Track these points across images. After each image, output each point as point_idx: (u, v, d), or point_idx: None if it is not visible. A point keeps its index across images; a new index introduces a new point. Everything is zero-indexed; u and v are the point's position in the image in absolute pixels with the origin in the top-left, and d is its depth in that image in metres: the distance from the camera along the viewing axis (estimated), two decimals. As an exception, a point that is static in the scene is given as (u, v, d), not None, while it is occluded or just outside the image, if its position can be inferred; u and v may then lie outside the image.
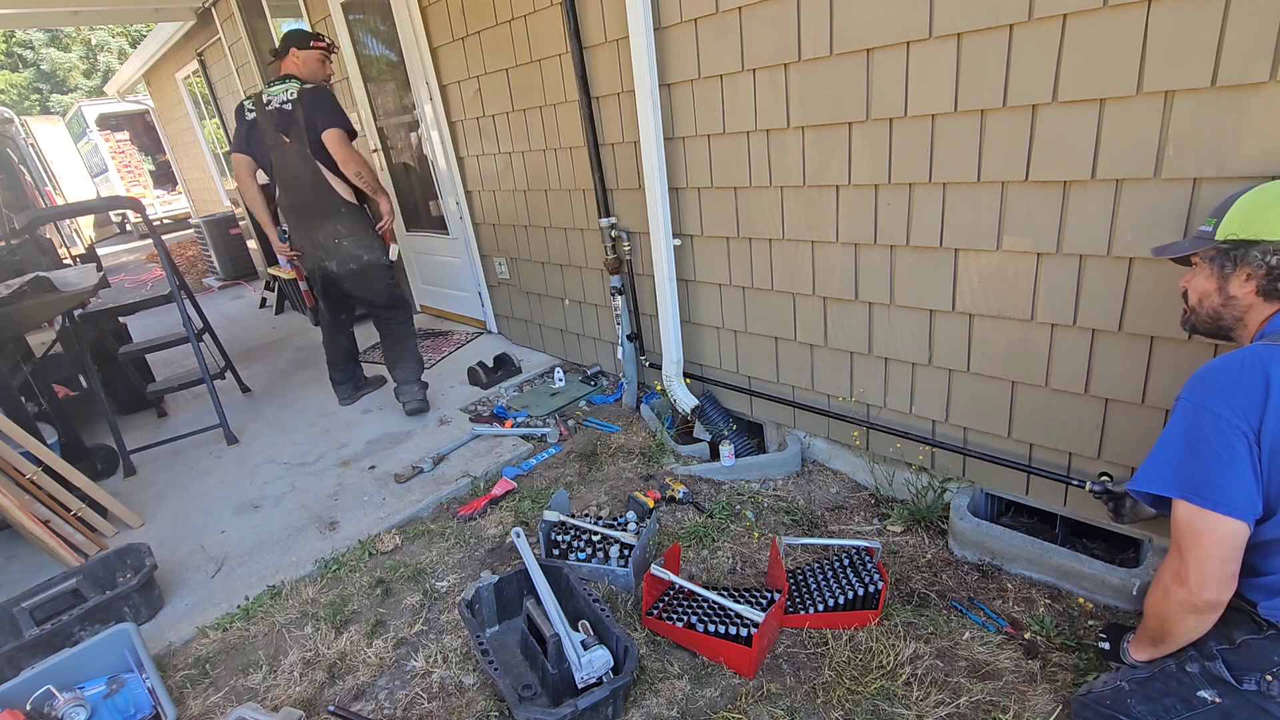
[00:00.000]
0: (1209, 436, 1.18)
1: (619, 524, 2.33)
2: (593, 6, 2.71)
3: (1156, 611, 1.29)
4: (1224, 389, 1.18)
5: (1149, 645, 1.37)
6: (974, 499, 2.23)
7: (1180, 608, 1.23)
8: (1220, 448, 1.17)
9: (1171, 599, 1.23)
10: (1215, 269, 1.31)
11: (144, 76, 10.62)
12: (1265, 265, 1.23)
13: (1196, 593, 1.19)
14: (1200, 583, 1.18)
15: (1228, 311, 1.31)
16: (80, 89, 24.86)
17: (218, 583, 2.44)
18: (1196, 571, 1.18)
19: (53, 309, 3.08)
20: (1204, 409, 1.19)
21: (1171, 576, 1.23)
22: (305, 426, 3.58)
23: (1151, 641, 1.35)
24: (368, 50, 4.45)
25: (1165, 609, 1.26)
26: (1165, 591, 1.24)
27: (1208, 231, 1.32)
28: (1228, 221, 1.28)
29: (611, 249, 3.09)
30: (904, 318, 2.22)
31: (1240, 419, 1.15)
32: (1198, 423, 1.20)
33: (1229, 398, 1.17)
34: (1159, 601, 1.27)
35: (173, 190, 14.70)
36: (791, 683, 1.76)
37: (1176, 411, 1.25)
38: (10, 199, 6.67)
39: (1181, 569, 1.21)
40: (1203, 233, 1.33)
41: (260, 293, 6.61)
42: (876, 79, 2.00)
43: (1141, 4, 1.51)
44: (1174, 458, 1.23)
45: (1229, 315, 1.31)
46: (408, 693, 1.88)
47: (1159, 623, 1.29)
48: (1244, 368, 1.18)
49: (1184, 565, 1.20)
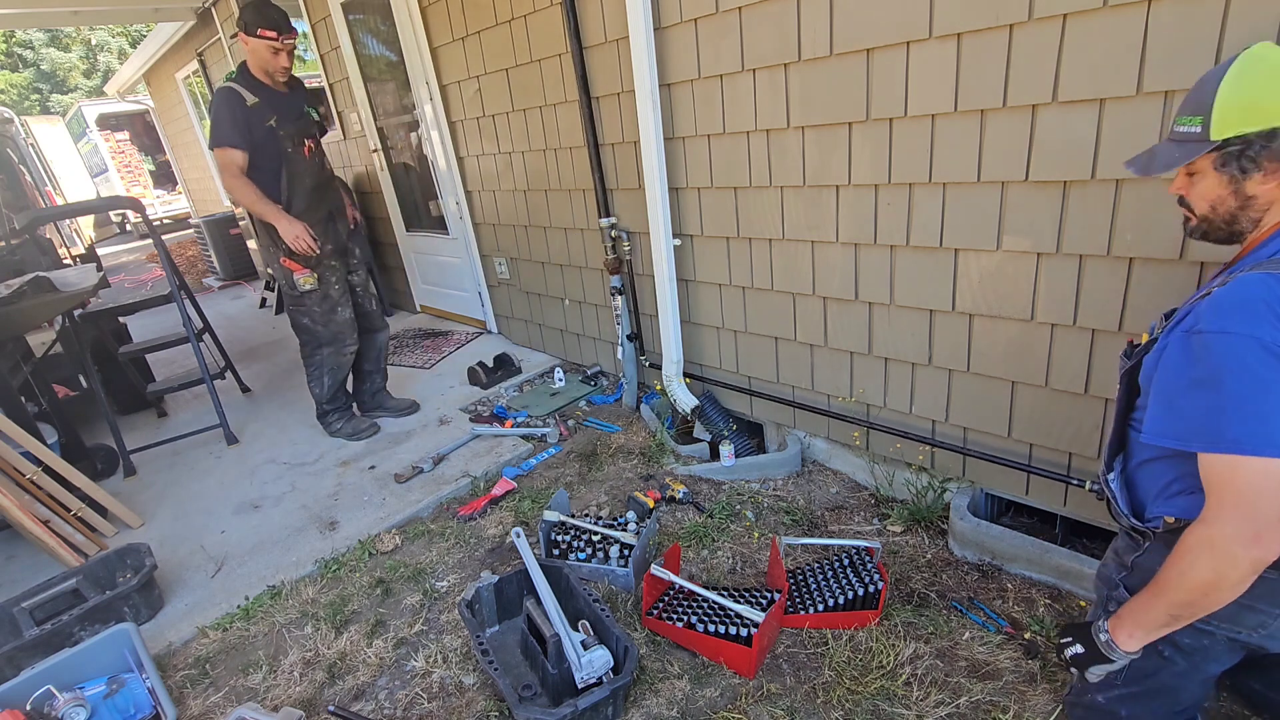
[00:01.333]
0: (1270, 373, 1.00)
1: (619, 524, 2.33)
2: (593, 6, 2.71)
3: (1204, 581, 1.08)
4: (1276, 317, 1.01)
5: (1163, 625, 1.18)
6: (974, 499, 2.23)
7: (1252, 570, 1.04)
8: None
9: (1240, 564, 1.03)
10: (1228, 174, 1.11)
11: (144, 76, 10.62)
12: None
13: (1271, 548, 1.02)
14: (1277, 537, 1.01)
15: (1245, 214, 1.14)
16: (80, 89, 24.85)
17: (218, 583, 2.44)
18: (1274, 527, 1.01)
19: (53, 309, 3.08)
20: (1255, 340, 1.01)
21: (1236, 540, 1.03)
22: (305, 426, 3.58)
23: (1173, 619, 1.16)
24: (368, 50, 4.45)
25: (1224, 574, 1.06)
26: (1228, 557, 1.04)
27: (1195, 133, 1.12)
28: (1220, 116, 1.08)
29: (611, 249, 3.09)
30: (904, 318, 2.22)
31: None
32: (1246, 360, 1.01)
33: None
34: (1211, 569, 1.06)
35: (173, 190, 14.68)
36: (791, 683, 1.76)
37: (1210, 349, 1.05)
38: (10, 199, 6.67)
39: (1252, 529, 1.02)
40: (1189, 135, 1.13)
41: (260, 293, 6.61)
42: (876, 79, 2.00)
43: (1141, 4, 1.51)
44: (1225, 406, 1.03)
45: (1246, 218, 1.14)
46: (408, 693, 1.88)
47: (1205, 594, 1.09)
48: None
49: (1255, 524, 1.01)
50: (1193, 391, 1.07)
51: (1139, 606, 1.19)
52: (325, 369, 3.18)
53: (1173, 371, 1.12)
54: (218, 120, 2.71)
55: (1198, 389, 1.07)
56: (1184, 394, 1.09)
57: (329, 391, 3.26)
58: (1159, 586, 1.15)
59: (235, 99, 2.71)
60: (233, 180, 2.75)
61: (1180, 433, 1.10)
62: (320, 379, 3.21)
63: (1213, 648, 1.22)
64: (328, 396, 3.28)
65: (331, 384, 3.23)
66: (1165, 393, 1.13)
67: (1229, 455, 1.03)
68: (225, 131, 2.71)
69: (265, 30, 2.69)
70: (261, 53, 2.73)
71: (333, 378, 3.21)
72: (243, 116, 2.71)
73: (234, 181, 2.75)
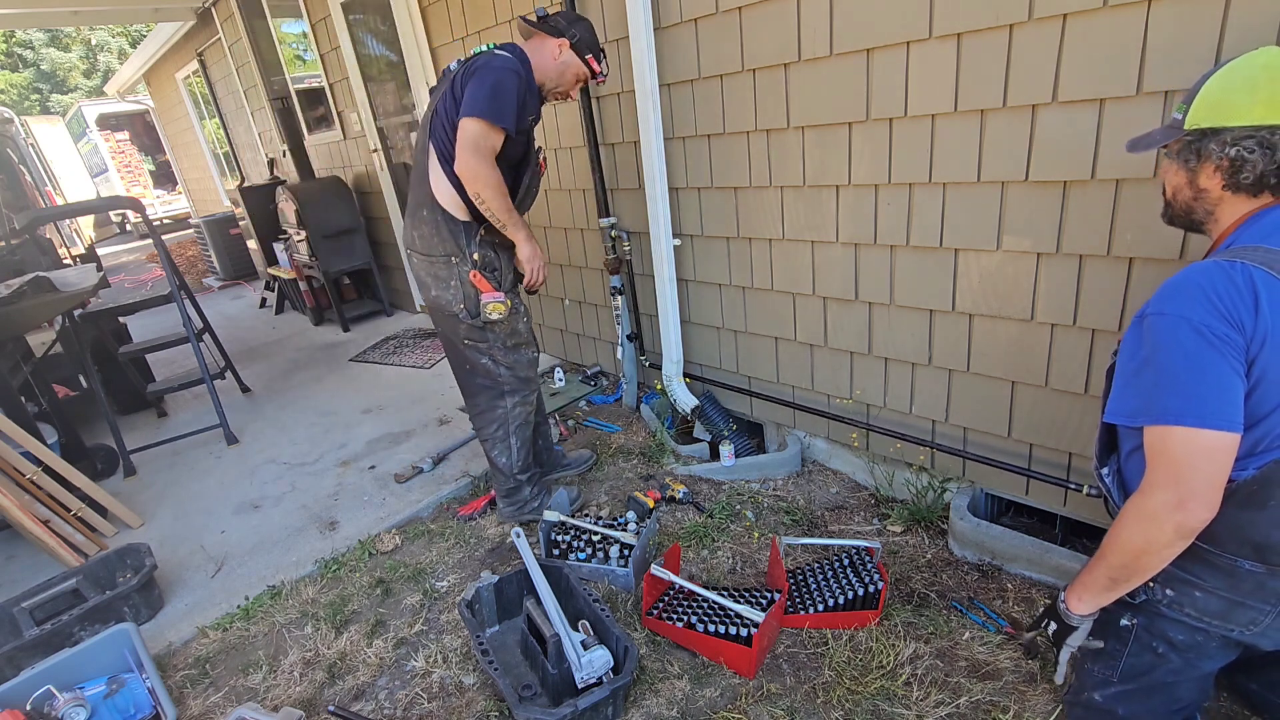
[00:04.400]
0: (1197, 350, 1.07)
1: (619, 524, 2.33)
2: (593, 6, 2.71)
3: (1136, 546, 1.16)
4: (1207, 300, 1.08)
5: (1104, 588, 1.26)
6: (974, 499, 2.23)
7: (1177, 535, 1.11)
8: (1209, 361, 1.07)
9: (1165, 528, 1.11)
10: (1180, 163, 1.21)
11: (144, 76, 10.62)
12: (1226, 157, 1.13)
13: (1196, 515, 1.09)
14: (1202, 504, 1.08)
15: (1199, 205, 1.22)
16: (80, 89, 24.85)
17: (218, 583, 2.44)
18: (1197, 495, 1.08)
19: (53, 309, 3.08)
20: (1186, 320, 1.08)
21: (1164, 506, 1.10)
22: (305, 426, 3.59)
23: (1112, 582, 1.23)
24: (368, 50, 4.45)
25: (1152, 539, 1.13)
26: (1156, 522, 1.11)
27: (1178, 120, 1.20)
28: (1195, 107, 1.17)
29: (611, 249, 3.08)
30: (904, 318, 2.22)
31: (1234, 331, 1.06)
32: (1177, 337, 1.09)
33: (1215, 309, 1.07)
34: (1141, 535, 1.14)
35: (173, 190, 14.70)
36: (791, 683, 1.76)
37: (1151, 329, 1.13)
38: (10, 199, 6.67)
39: (1176, 495, 1.09)
40: (1175, 120, 1.21)
41: (260, 293, 6.62)
42: (876, 79, 2.00)
43: (1141, 4, 1.51)
44: (1160, 381, 1.11)
45: (1200, 209, 1.22)
46: (408, 693, 1.88)
47: (1136, 558, 1.17)
48: (1232, 281, 1.07)
49: (1179, 490, 1.09)
50: (1140, 371, 1.15)
51: (1085, 572, 1.28)
52: (512, 426, 2.41)
53: (1127, 353, 1.19)
54: (500, 91, 2.06)
55: (1143, 368, 1.14)
56: (1134, 374, 1.16)
57: (521, 457, 2.45)
58: (1101, 552, 1.23)
59: (526, 80, 2.13)
60: (482, 164, 2.06)
61: (1131, 410, 1.17)
62: (506, 440, 2.42)
63: (1206, 645, 1.24)
64: (519, 463, 2.46)
65: (520, 445, 2.44)
66: (1122, 373, 1.20)
67: (1160, 426, 1.11)
68: (505, 107, 2.07)
69: (594, 61, 2.29)
70: (572, 72, 2.26)
71: (520, 436, 2.44)
72: (524, 102, 2.14)
73: (485, 167, 2.06)
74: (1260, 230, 1.14)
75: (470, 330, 2.25)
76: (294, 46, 5.52)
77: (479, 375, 2.35)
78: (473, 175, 2.05)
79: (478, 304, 2.20)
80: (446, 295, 2.21)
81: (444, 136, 2.11)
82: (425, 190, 2.18)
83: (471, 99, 2.02)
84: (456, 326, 2.26)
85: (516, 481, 2.49)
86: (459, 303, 2.21)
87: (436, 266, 2.20)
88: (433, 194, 2.16)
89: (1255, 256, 1.08)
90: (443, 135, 2.11)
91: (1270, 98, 1.10)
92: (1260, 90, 1.11)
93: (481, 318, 2.21)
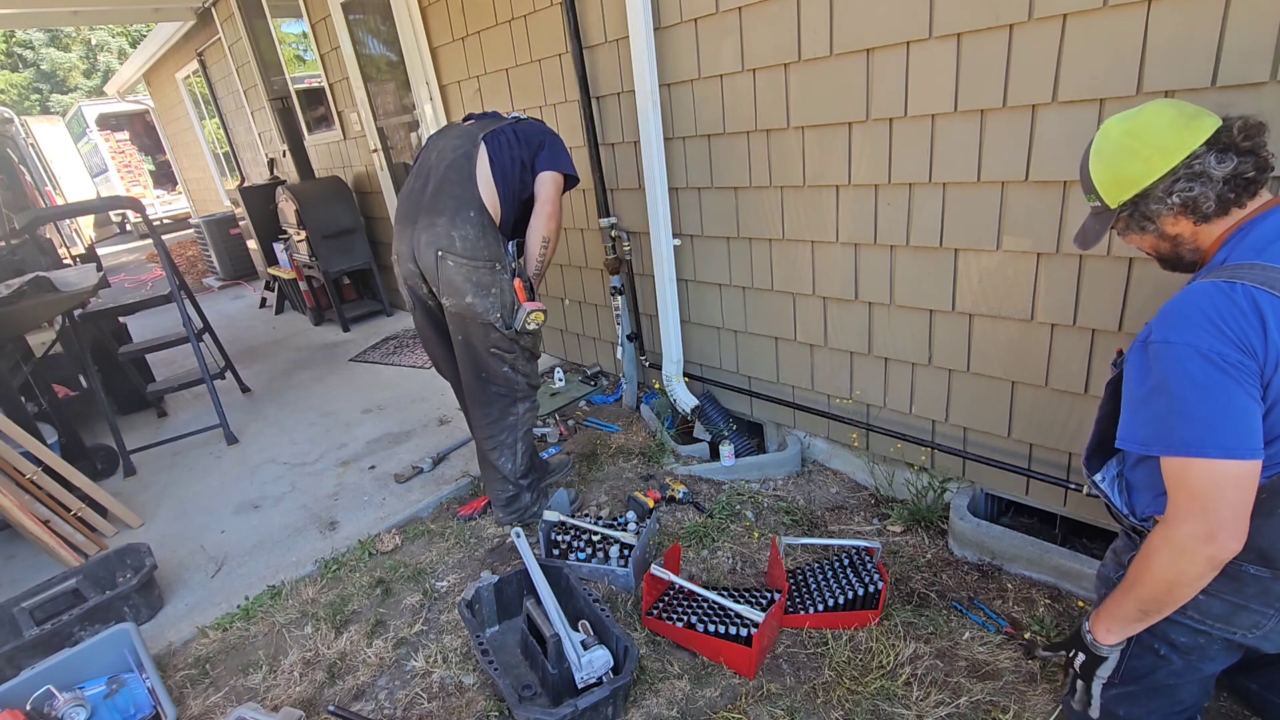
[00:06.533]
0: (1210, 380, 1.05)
1: (619, 524, 2.33)
2: (593, 6, 2.71)
3: (1165, 579, 1.14)
4: (1214, 327, 1.06)
5: (1134, 619, 1.24)
6: (974, 499, 2.23)
7: (1209, 567, 1.09)
8: (1224, 389, 1.04)
9: (1197, 560, 1.08)
10: (1138, 232, 1.25)
11: (144, 76, 10.62)
12: (1179, 204, 1.15)
13: (1227, 546, 1.06)
14: (1231, 535, 1.06)
15: (1183, 248, 1.24)
16: (80, 89, 24.85)
17: (218, 583, 2.44)
18: (1225, 526, 1.06)
19: (53, 309, 3.08)
20: (1194, 349, 1.06)
21: (1193, 539, 1.08)
22: (305, 426, 3.59)
23: (1143, 614, 1.21)
24: (368, 50, 4.45)
25: (1184, 572, 1.11)
26: (1187, 555, 1.09)
27: (1099, 207, 1.26)
28: (1104, 191, 1.23)
29: (611, 249, 3.08)
30: (904, 318, 2.22)
31: (1246, 356, 1.04)
32: (1187, 367, 1.07)
33: (1223, 335, 1.05)
34: (1173, 567, 1.12)
35: (173, 190, 14.70)
36: (791, 683, 1.76)
37: (1159, 358, 1.11)
38: (10, 199, 6.66)
39: (1205, 528, 1.07)
40: (1098, 209, 1.27)
41: (260, 293, 6.62)
42: (876, 79, 2.00)
43: (1141, 4, 1.51)
44: (1173, 409, 1.09)
45: (1185, 250, 1.24)
46: (408, 693, 1.88)
47: (1166, 590, 1.15)
48: (1235, 304, 1.05)
49: (1208, 522, 1.07)
50: (1151, 398, 1.13)
51: (1112, 602, 1.25)
52: (520, 431, 2.44)
53: (1134, 380, 1.17)
54: (564, 151, 2.32)
55: (1154, 396, 1.13)
56: (1144, 401, 1.15)
57: (524, 461, 2.48)
58: (1128, 583, 1.20)
59: None
60: (558, 209, 2.27)
61: (1144, 438, 1.15)
62: (513, 447, 2.44)
63: (1208, 647, 1.23)
64: (523, 468, 2.48)
65: (526, 450, 2.48)
66: (1130, 400, 1.18)
67: (1179, 458, 1.09)
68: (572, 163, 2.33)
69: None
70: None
71: (526, 443, 2.48)
72: None
73: (559, 212, 2.29)
74: (1253, 245, 1.13)
75: (501, 339, 2.25)
76: (294, 46, 5.52)
77: (495, 384, 2.34)
78: (557, 226, 2.24)
79: (514, 312, 2.22)
80: (484, 303, 2.17)
81: (508, 156, 2.21)
82: (471, 192, 2.16)
83: (554, 156, 2.25)
84: (487, 335, 2.23)
85: (518, 487, 2.50)
86: (495, 311, 2.19)
87: (480, 272, 2.15)
88: (479, 196, 2.16)
89: (1254, 275, 1.07)
90: (507, 154, 2.21)
91: (1158, 148, 1.15)
92: (1141, 151, 1.17)
93: (518, 326, 2.23)
